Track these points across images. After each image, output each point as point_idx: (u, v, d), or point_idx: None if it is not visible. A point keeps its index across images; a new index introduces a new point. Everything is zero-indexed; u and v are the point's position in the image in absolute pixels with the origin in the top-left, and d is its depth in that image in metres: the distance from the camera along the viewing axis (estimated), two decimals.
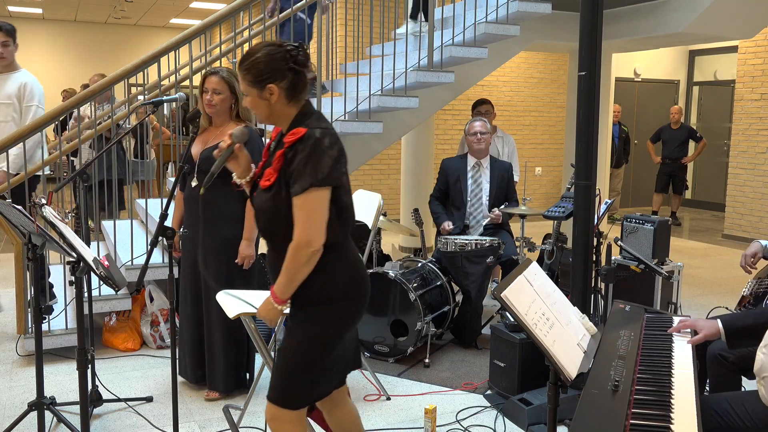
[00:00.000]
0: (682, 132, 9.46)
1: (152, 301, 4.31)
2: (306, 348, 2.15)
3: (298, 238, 2.06)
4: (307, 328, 2.15)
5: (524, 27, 5.46)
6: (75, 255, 2.53)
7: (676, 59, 11.60)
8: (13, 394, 3.60)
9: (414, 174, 7.22)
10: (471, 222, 4.81)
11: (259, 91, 2.12)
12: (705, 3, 5.35)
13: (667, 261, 4.32)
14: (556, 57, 10.16)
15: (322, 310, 2.15)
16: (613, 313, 2.49)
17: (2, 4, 13.33)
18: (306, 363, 2.15)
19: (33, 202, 2.73)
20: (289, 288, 2.11)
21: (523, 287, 1.97)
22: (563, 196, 4.13)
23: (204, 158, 3.36)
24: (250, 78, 2.11)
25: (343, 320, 2.18)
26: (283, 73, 2.11)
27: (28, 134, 3.99)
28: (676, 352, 2.15)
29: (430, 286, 4.20)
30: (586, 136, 3.28)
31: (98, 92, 4.07)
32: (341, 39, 8.44)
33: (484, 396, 3.65)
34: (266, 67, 2.10)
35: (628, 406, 1.76)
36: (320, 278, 2.14)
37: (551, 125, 10.30)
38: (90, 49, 15.63)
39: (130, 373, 3.89)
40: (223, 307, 2.92)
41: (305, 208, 2.05)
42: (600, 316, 3.94)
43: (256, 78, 2.10)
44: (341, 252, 2.17)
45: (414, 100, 4.84)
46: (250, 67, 2.11)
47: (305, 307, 2.16)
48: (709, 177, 11.26)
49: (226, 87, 3.33)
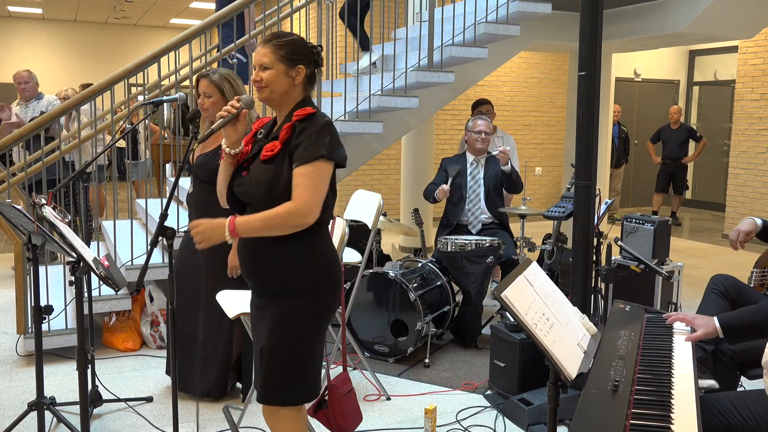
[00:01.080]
0: (682, 132, 9.46)
1: (152, 301, 4.31)
2: (298, 341, 2.16)
3: (299, 204, 2.06)
4: (289, 320, 2.16)
5: (524, 27, 5.46)
6: (75, 255, 2.53)
7: (676, 59, 11.60)
8: (13, 394, 3.60)
9: (414, 174, 7.22)
10: (470, 219, 4.79)
11: (287, 67, 2.16)
12: (705, 3, 5.35)
13: (667, 261, 4.32)
14: (556, 57, 10.16)
15: (307, 301, 2.17)
16: (613, 313, 2.49)
17: (2, 4, 13.32)
18: (301, 356, 2.17)
19: (33, 201, 2.73)
20: (253, 232, 2.09)
21: (523, 287, 1.96)
22: (563, 196, 4.13)
23: (198, 164, 3.33)
24: (283, 53, 2.15)
25: (329, 307, 2.22)
26: (309, 61, 2.21)
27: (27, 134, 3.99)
28: (676, 352, 2.15)
29: (430, 286, 4.20)
30: (586, 136, 3.28)
31: (97, 92, 4.07)
32: (341, 39, 8.44)
33: (484, 396, 3.65)
34: (301, 49, 2.19)
35: (628, 406, 1.76)
36: (304, 268, 2.15)
37: (551, 125, 10.30)
38: (90, 49, 15.63)
39: (130, 373, 3.89)
40: (223, 307, 2.92)
41: (313, 176, 2.08)
42: (600, 316, 3.94)
43: (290, 55, 2.16)
44: (322, 236, 2.21)
45: (414, 100, 4.84)
46: (285, 43, 2.16)
47: (291, 300, 2.16)
48: (710, 177, 11.26)
49: (216, 90, 3.27)
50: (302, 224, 2.08)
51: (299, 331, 2.16)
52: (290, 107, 2.21)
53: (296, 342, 2.16)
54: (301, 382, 2.20)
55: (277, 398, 2.19)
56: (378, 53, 5.39)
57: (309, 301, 2.17)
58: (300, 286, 2.16)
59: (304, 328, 2.17)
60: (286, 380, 2.18)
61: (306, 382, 2.21)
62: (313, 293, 2.17)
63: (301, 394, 2.21)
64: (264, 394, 2.20)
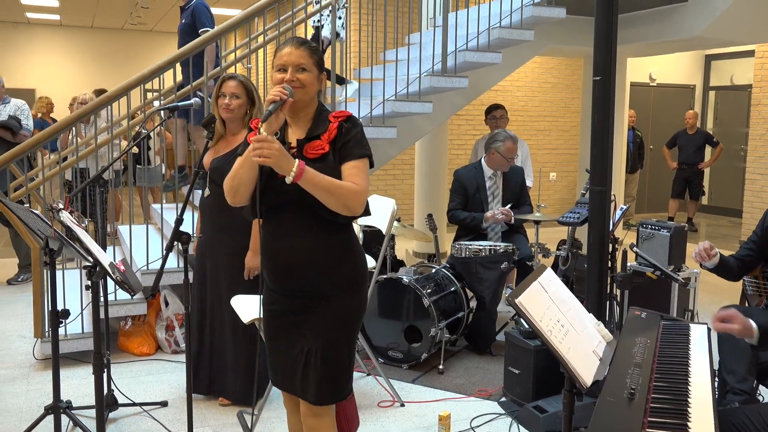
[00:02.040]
0: (698, 137, 9.38)
1: (167, 305, 4.33)
2: (349, 338, 2.22)
3: (362, 188, 2.13)
4: (344, 318, 2.20)
5: (538, 32, 5.45)
6: (91, 259, 2.55)
7: (691, 64, 11.52)
8: (29, 398, 3.63)
9: (428, 179, 7.22)
10: (489, 233, 4.82)
11: (318, 72, 2.21)
12: (721, 7, 5.31)
13: (683, 267, 4.29)
14: (570, 62, 10.13)
15: (353, 298, 2.21)
16: (628, 320, 2.47)
17: (21, 11, 13.50)
18: (349, 352, 2.23)
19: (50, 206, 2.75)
20: (314, 188, 2.05)
21: (537, 293, 1.95)
22: (578, 202, 4.11)
23: (213, 168, 3.34)
24: (316, 59, 2.20)
25: (366, 303, 2.29)
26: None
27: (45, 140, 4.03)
28: (693, 360, 2.13)
29: (444, 292, 4.19)
30: (601, 142, 3.26)
31: (113, 98, 4.11)
32: (355, 44, 8.46)
33: (499, 403, 3.63)
34: (323, 59, 2.26)
35: (645, 415, 1.74)
36: (348, 266, 2.20)
37: (565, 130, 10.26)
38: (107, 54, 15.78)
39: (145, 378, 3.91)
40: (238, 312, 2.93)
41: (364, 170, 2.17)
42: (615, 323, 3.91)
43: (320, 62, 2.22)
44: (354, 234, 2.26)
45: (428, 105, 4.84)
46: (315, 50, 2.21)
47: (339, 298, 2.19)
48: (726, 182, 11.15)
49: (244, 91, 3.31)
50: (356, 207, 2.12)
51: (350, 328, 2.22)
52: (310, 111, 2.22)
53: (348, 338, 2.22)
54: (349, 377, 2.26)
55: (334, 396, 2.22)
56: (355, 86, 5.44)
57: (354, 298, 2.22)
58: (346, 283, 2.20)
59: (354, 324, 2.23)
60: (340, 377, 2.21)
61: (351, 377, 2.27)
62: (357, 289, 2.23)
63: (348, 389, 2.26)
64: (322, 395, 2.19)
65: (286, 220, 2.15)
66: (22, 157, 4.02)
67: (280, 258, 2.17)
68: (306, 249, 2.15)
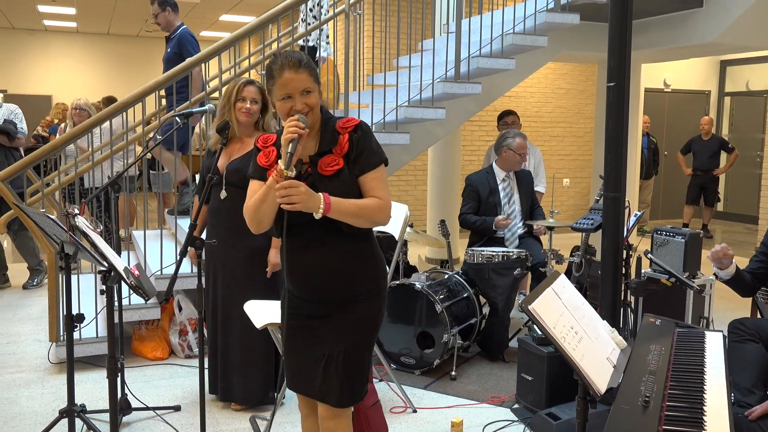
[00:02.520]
0: (713, 143, 9.32)
1: (181, 310, 4.36)
2: (369, 341, 2.23)
3: (386, 202, 2.14)
4: (366, 322, 2.21)
5: (552, 38, 5.44)
6: (106, 264, 2.57)
7: (706, 69, 11.44)
8: (44, 401, 3.66)
9: (441, 185, 7.21)
10: (506, 235, 4.80)
11: (318, 86, 2.18)
12: (736, 13, 5.28)
13: (698, 274, 4.25)
14: (584, 67, 10.09)
15: (374, 302, 2.23)
16: (643, 327, 2.45)
17: (38, 19, 13.67)
18: (369, 356, 2.25)
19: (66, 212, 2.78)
20: (343, 215, 2.07)
21: (551, 300, 1.95)
22: (592, 208, 4.09)
23: (231, 170, 3.37)
24: (315, 74, 2.16)
25: (385, 306, 2.29)
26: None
27: (62, 146, 4.07)
28: (708, 367, 2.11)
29: (457, 298, 4.18)
30: (615, 148, 3.25)
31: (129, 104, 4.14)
32: (368, 51, 8.49)
33: (512, 410, 3.61)
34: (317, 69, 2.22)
35: (659, 423, 1.73)
36: (372, 270, 2.21)
37: (579, 136, 10.21)
38: (122, 61, 15.95)
39: (158, 382, 3.93)
40: (251, 317, 2.93)
41: (383, 179, 2.17)
42: (630, 330, 3.89)
43: (316, 74, 2.17)
44: (374, 238, 2.27)
45: (441, 111, 4.84)
46: (309, 63, 2.14)
47: (363, 302, 2.20)
48: (742, 189, 11.06)
49: (261, 98, 3.42)
50: (385, 220, 2.15)
51: (371, 332, 2.24)
52: (317, 124, 2.20)
53: (368, 342, 2.24)
54: (367, 380, 2.28)
55: (353, 398, 2.23)
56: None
57: (375, 302, 2.23)
58: (368, 289, 2.22)
59: (375, 328, 2.25)
60: (360, 380, 2.23)
61: (368, 380, 2.30)
62: (378, 293, 2.24)
63: (365, 391, 2.28)
64: (343, 398, 2.20)
65: (308, 232, 2.16)
66: (38, 163, 4.07)
67: (303, 268, 2.18)
68: (328, 258, 2.16)
